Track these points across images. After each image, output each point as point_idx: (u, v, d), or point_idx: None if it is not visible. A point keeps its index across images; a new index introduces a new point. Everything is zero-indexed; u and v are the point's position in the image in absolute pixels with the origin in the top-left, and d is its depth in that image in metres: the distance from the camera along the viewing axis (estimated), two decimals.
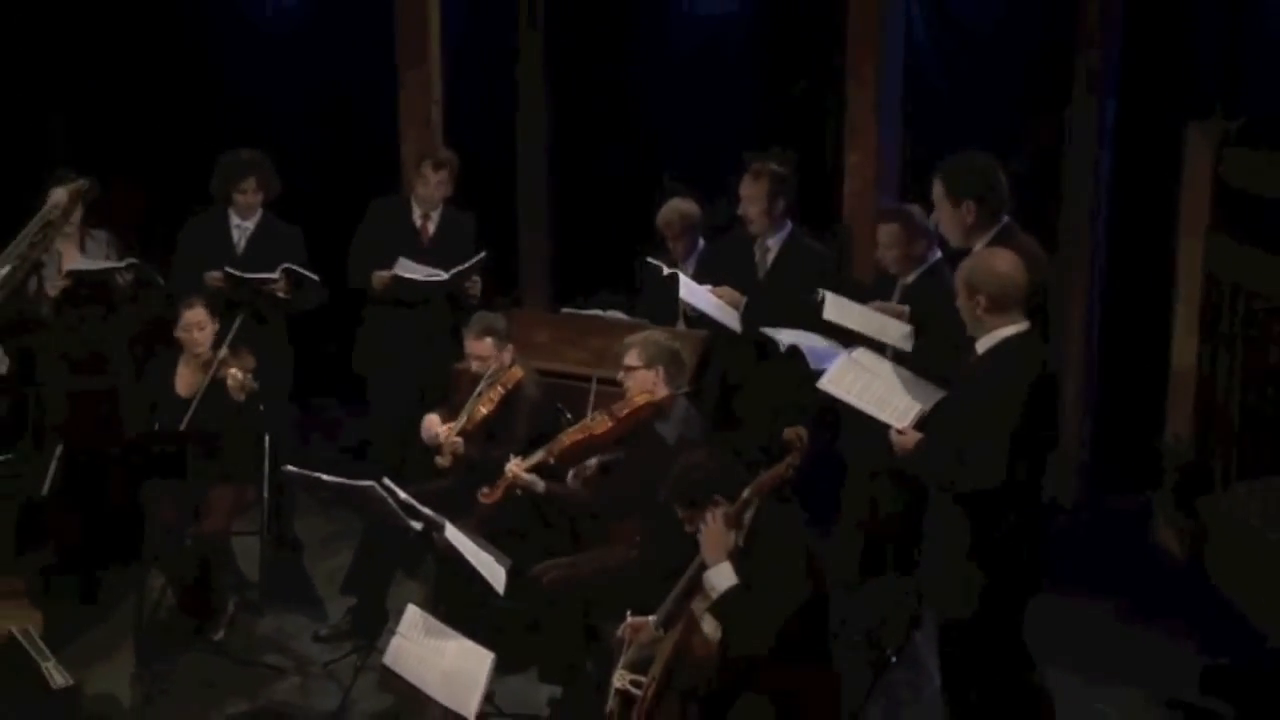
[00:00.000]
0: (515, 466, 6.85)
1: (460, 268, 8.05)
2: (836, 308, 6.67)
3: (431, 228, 8.45)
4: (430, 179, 8.33)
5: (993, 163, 6.23)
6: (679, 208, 7.94)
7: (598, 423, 6.81)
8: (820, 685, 5.68)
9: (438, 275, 8.05)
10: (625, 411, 6.72)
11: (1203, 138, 7.61)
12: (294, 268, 7.98)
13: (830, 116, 8.50)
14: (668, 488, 5.81)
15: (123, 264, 7.90)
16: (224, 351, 7.36)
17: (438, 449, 7.29)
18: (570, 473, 6.88)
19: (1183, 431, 7.84)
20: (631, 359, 6.75)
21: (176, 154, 8.55)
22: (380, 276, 8.13)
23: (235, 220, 8.21)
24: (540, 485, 6.82)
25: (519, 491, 6.90)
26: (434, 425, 7.36)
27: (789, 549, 5.61)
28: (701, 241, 8.01)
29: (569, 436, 6.85)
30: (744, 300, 7.51)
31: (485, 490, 6.86)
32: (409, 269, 8.06)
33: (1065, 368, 8.14)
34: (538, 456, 6.85)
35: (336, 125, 9.31)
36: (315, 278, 8.09)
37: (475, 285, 8.20)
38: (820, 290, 6.78)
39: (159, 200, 8.56)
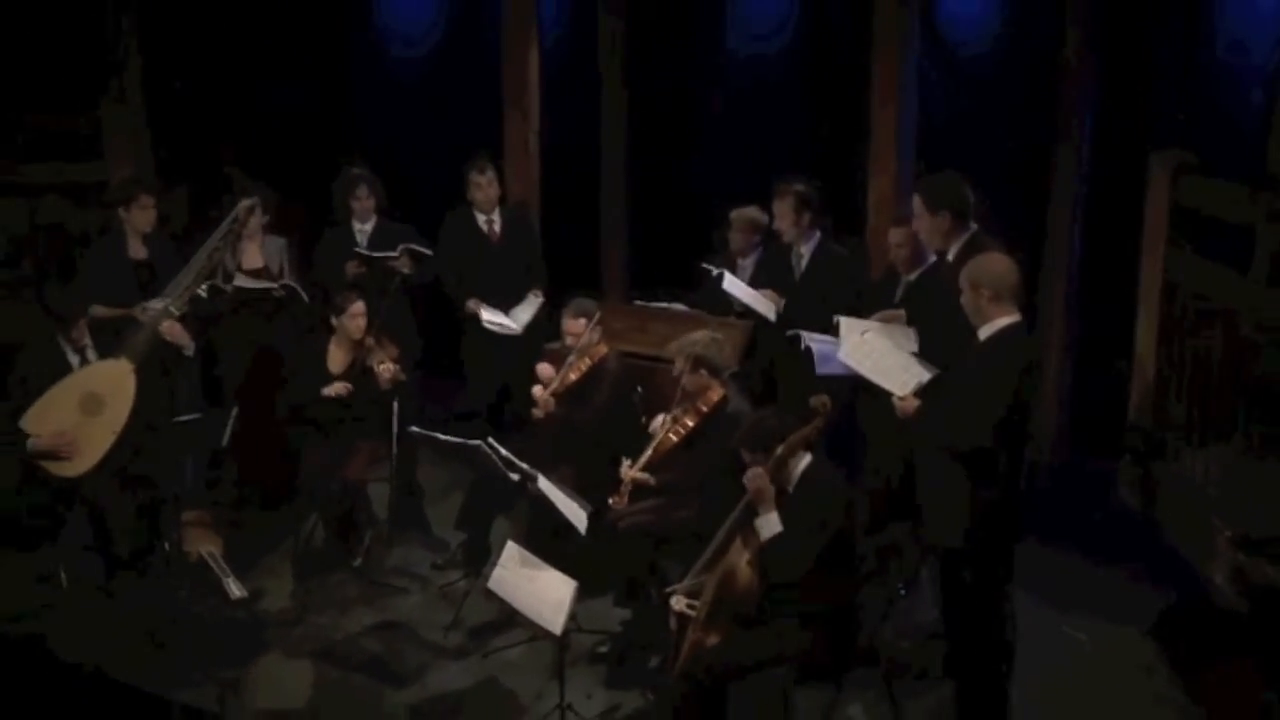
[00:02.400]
0: (631, 472, 6.73)
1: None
2: (849, 325, 6.61)
3: (497, 229, 8.39)
4: (481, 182, 8.26)
5: (960, 179, 6.23)
6: (747, 212, 7.78)
7: (683, 420, 6.77)
8: (841, 609, 5.74)
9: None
10: (705, 407, 6.70)
11: (1162, 166, 7.57)
12: (413, 246, 8.02)
13: (857, 145, 8.39)
14: (741, 434, 5.85)
15: (277, 285, 7.96)
16: (370, 339, 7.45)
17: (533, 404, 7.26)
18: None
19: (1142, 408, 7.82)
20: (682, 365, 6.72)
21: (325, 178, 8.63)
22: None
23: (357, 225, 8.26)
24: (653, 481, 6.70)
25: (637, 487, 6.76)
26: (546, 371, 7.33)
27: (832, 497, 5.70)
28: (761, 250, 7.82)
29: (666, 439, 6.77)
30: (783, 300, 7.45)
31: (614, 498, 6.70)
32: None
33: (1047, 354, 8.13)
34: (646, 457, 6.76)
35: (453, 150, 9.35)
36: (429, 253, 8.09)
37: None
38: (835, 317, 6.72)
39: (314, 216, 8.66)
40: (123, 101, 9.19)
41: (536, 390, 7.25)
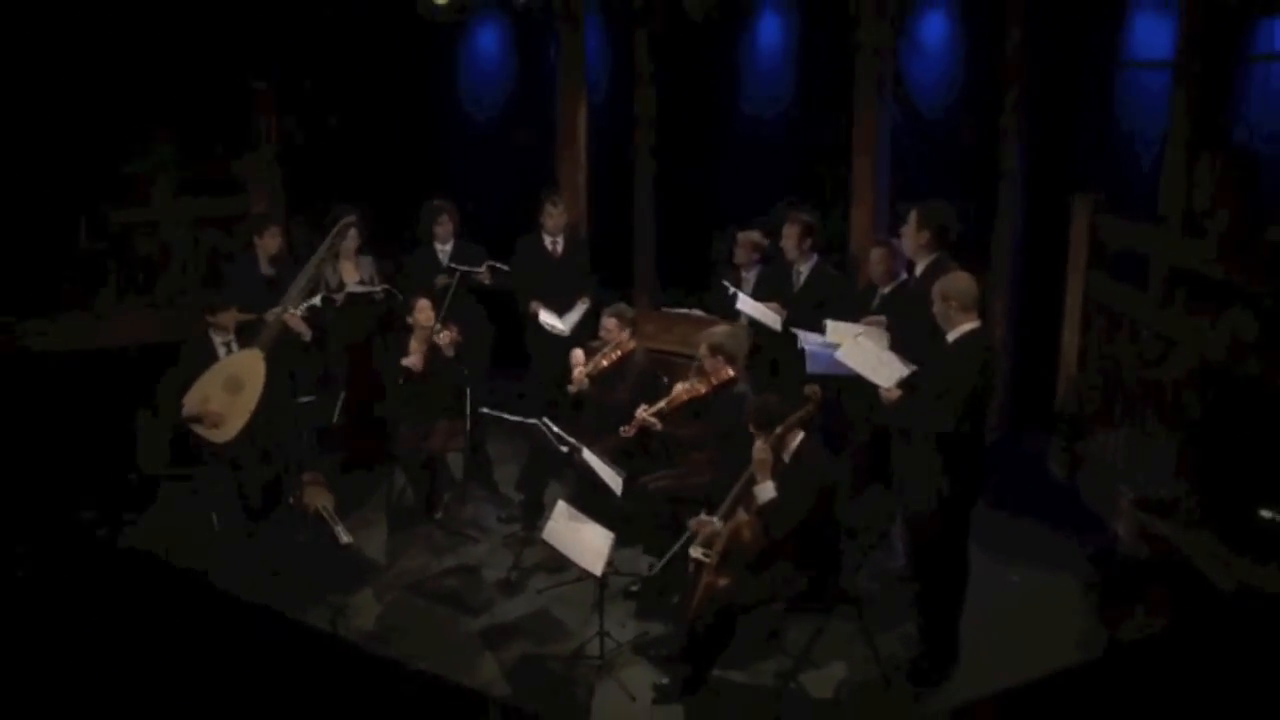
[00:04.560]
0: (643, 412, 6.81)
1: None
2: (836, 331, 6.65)
3: (559, 249, 8.39)
4: (553, 212, 8.30)
5: (952, 211, 6.30)
6: (750, 235, 7.75)
7: (698, 387, 6.80)
8: (827, 557, 5.82)
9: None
10: (717, 380, 6.74)
11: (1082, 205, 7.61)
12: (494, 263, 8.04)
13: (840, 184, 8.38)
14: (750, 414, 5.90)
15: (380, 289, 8.01)
16: (439, 325, 7.45)
17: (570, 382, 7.32)
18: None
19: (1067, 398, 7.84)
20: (702, 350, 6.81)
21: (415, 206, 8.75)
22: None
23: (439, 246, 8.26)
24: (659, 425, 6.79)
25: (646, 428, 6.84)
26: (578, 357, 7.38)
27: (817, 469, 5.78)
28: (761, 265, 7.76)
29: (679, 395, 6.82)
30: (785, 312, 7.38)
31: (625, 428, 6.83)
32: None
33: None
34: (659, 406, 6.82)
35: (517, 187, 9.38)
36: (507, 268, 8.10)
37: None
38: (825, 321, 6.76)
39: (403, 238, 8.70)
40: (258, 149, 9.24)
41: (576, 371, 7.29)
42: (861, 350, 6.12)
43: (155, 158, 9.05)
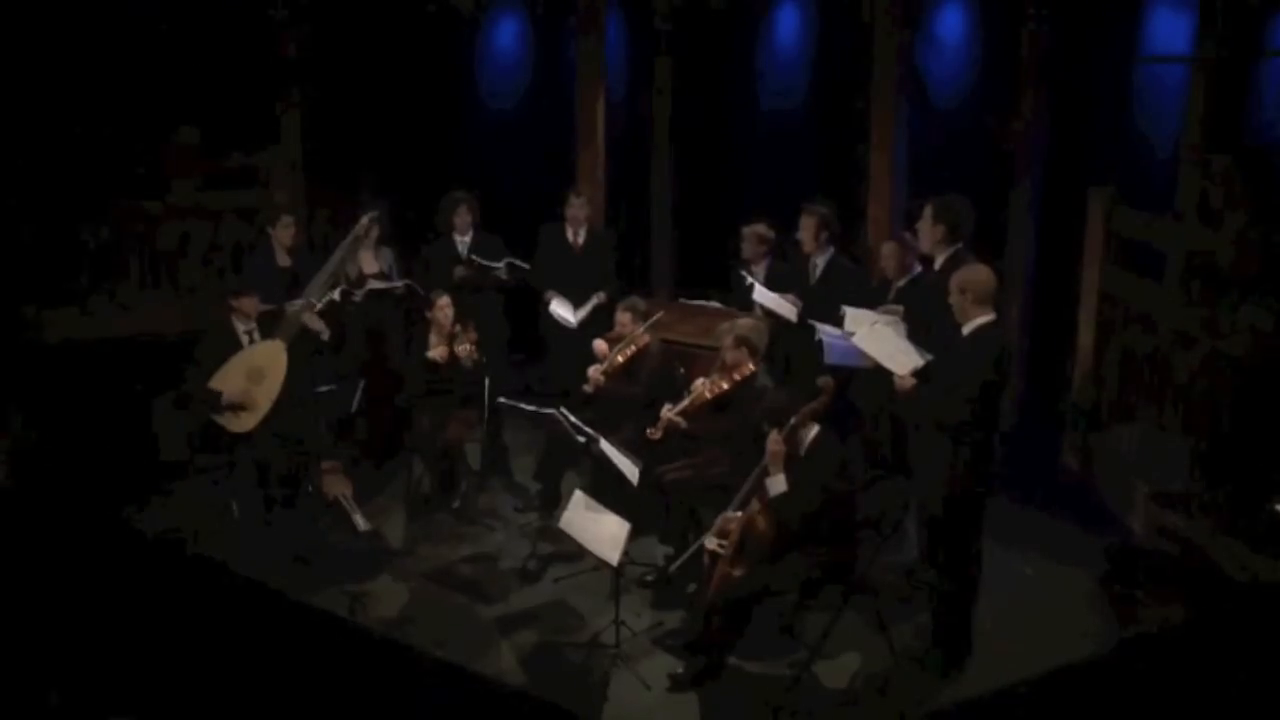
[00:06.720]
0: (668, 413, 6.68)
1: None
2: (854, 318, 6.64)
3: (581, 241, 8.37)
4: (574, 204, 8.29)
5: (968, 205, 6.29)
6: (756, 228, 7.64)
7: (721, 383, 6.69)
8: (841, 548, 5.81)
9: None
10: (738, 376, 6.64)
11: (1098, 199, 7.61)
12: (514, 261, 8.05)
13: (857, 180, 8.41)
14: (761, 412, 5.91)
15: (400, 284, 8.03)
16: (457, 327, 7.44)
17: (587, 381, 7.20)
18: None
19: (1082, 391, 7.85)
20: (727, 342, 6.69)
21: (434, 198, 8.74)
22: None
23: (458, 238, 8.24)
24: (684, 424, 6.69)
25: (672, 429, 6.72)
26: (602, 347, 7.30)
27: (831, 462, 5.76)
28: (770, 257, 7.66)
29: (702, 394, 6.69)
30: (801, 303, 7.35)
31: (651, 429, 6.68)
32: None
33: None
34: (683, 405, 6.70)
35: (536, 179, 9.35)
36: (526, 266, 8.12)
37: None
38: (842, 307, 6.73)
39: (425, 229, 8.66)
40: (279, 143, 9.29)
41: (591, 370, 7.23)
42: (879, 337, 6.12)
43: (178, 150, 9.07)
